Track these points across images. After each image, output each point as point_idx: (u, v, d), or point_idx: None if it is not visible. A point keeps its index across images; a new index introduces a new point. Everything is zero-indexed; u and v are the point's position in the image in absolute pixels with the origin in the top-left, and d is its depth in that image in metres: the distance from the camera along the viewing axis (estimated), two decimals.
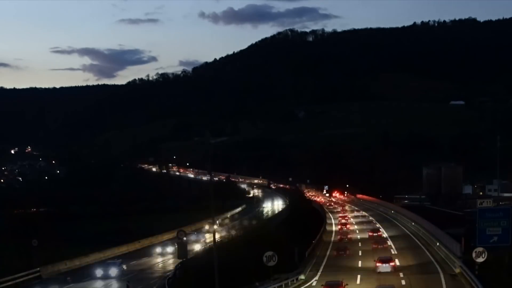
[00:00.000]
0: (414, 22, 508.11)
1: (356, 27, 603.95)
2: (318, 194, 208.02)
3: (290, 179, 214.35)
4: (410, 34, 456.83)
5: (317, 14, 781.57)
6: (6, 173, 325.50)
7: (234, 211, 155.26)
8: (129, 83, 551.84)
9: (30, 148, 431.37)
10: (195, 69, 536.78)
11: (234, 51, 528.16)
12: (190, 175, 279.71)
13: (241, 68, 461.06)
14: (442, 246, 67.08)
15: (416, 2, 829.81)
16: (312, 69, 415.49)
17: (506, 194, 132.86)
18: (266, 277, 49.95)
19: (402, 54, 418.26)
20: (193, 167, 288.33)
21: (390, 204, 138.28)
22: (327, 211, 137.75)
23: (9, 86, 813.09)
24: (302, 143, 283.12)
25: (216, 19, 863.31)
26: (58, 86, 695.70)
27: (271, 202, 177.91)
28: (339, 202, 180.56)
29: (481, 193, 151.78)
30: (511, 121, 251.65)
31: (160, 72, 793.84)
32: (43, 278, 62.49)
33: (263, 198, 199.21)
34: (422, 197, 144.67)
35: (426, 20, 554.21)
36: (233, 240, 76.40)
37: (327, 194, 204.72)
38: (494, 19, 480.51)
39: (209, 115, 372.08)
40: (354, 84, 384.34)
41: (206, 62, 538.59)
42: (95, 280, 62.21)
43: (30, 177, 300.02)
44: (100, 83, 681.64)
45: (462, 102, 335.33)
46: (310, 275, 57.81)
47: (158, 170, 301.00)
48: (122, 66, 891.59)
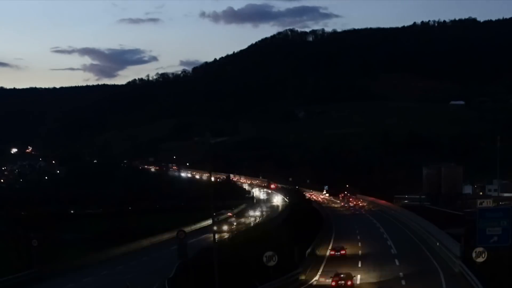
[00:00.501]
0: (414, 22, 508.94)
1: (356, 27, 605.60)
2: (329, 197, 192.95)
3: (290, 179, 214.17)
4: (410, 34, 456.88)
5: (317, 13, 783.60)
6: (6, 173, 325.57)
7: (235, 211, 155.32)
8: (129, 83, 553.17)
9: (30, 148, 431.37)
10: (195, 69, 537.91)
11: (234, 51, 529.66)
12: (183, 174, 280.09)
13: (241, 68, 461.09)
14: (442, 246, 67.04)
15: (416, 2, 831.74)
16: (312, 69, 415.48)
17: (506, 194, 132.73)
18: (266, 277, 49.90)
19: (402, 54, 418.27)
20: (193, 167, 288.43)
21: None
22: None
23: (9, 86, 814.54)
24: (302, 143, 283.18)
25: (216, 19, 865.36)
26: (58, 86, 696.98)
27: (271, 202, 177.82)
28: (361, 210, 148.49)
29: (481, 193, 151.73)
30: (511, 121, 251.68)
31: (160, 72, 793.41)
32: None
33: (263, 198, 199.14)
34: (422, 197, 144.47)
35: (426, 20, 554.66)
36: (233, 240, 76.39)
37: (327, 194, 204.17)
38: (494, 19, 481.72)
39: (209, 115, 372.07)
40: (354, 84, 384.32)
41: (206, 62, 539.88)
42: None
43: (30, 177, 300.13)
44: (100, 83, 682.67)
45: (462, 102, 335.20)
46: (310, 275, 57.84)
47: (158, 170, 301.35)
48: (123, 66, 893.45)
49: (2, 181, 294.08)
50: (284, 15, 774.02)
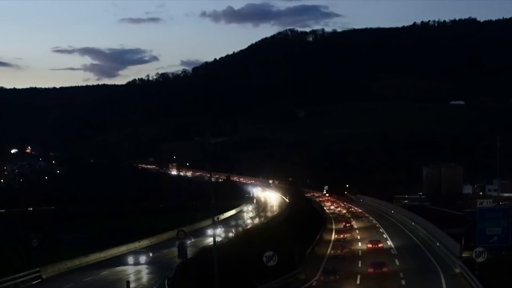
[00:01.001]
0: (414, 22, 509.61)
1: (356, 27, 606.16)
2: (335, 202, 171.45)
3: (290, 179, 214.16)
4: (410, 34, 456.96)
5: (318, 12, 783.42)
6: (6, 173, 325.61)
7: (235, 211, 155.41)
8: (129, 83, 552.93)
9: (30, 148, 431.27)
10: (195, 69, 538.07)
11: (234, 51, 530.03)
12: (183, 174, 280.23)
13: (241, 68, 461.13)
14: (442, 246, 67.02)
15: (416, 2, 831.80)
16: (312, 69, 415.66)
17: (506, 194, 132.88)
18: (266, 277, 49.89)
19: (402, 54, 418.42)
20: (192, 167, 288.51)
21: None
22: None
23: (9, 86, 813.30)
24: (302, 143, 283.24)
25: (217, 18, 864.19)
26: (58, 86, 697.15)
27: (271, 202, 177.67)
28: None
29: (481, 193, 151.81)
30: (511, 121, 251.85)
31: (161, 72, 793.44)
32: None
33: (263, 198, 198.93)
34: (422, 197, 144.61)
35: (426, 20, 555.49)
36: (233, 239, 76.35)
37: (327, 195, 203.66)
38: (494, 19, 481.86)
39: (209, 115, 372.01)
40: (354, 84, 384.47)
41: (206, 62, 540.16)
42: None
43: (30, 177, 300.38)
44: (100, 83, 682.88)
45: (462, 102, 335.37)
46: (310, 275, 57.83)
47: (157, 169, 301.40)
48: (123, 65, 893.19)
49: (2, 181, 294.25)
50: (284, 15, 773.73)
